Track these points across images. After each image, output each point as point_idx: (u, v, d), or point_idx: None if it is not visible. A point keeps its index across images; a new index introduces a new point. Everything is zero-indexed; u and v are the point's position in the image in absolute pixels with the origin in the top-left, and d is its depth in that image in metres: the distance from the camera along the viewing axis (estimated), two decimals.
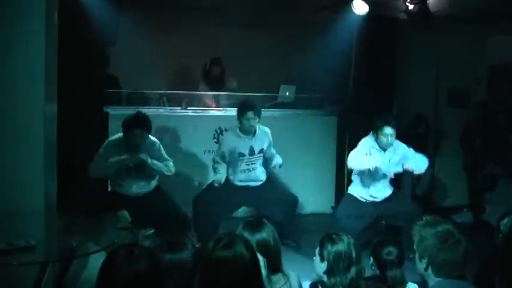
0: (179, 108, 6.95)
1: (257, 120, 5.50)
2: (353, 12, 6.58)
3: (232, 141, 5.60)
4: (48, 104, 4.04)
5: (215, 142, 6.86)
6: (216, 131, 6.85)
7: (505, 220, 3.80)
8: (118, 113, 6.44)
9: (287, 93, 7.31)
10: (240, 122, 5.52)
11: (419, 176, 7.36)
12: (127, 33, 6.84)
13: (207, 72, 7.60)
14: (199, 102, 7.29)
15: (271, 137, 5.78)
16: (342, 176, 7.04)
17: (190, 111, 6.93)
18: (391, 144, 5.37)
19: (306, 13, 7.34)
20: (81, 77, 5.76)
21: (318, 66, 7.53)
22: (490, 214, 6.77)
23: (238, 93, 6.86)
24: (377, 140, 5.36)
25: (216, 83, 7.56)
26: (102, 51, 6.39)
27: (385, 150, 5.40)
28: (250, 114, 5.43)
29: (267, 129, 5.77)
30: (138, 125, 4.97)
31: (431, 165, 7.70)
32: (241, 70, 7.67)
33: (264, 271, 2.23)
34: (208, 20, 7.63)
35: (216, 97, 7.40)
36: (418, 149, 7.48)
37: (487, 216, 6.82)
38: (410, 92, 7.66)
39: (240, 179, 5.69)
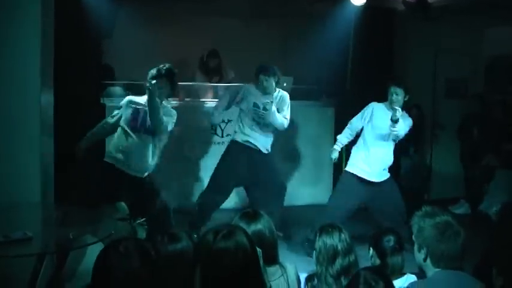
0: (176, 99, 6.91)
1: (272, 81, 5.58)
2: (351, 3, 6.56)
3: (252, 92, 5.69)
4: (44, 95, 4.04)
5: (212, 133, 6.86)
6: None
7: (494, 209, 3.81)
8: (115, 104, 6.42)
9: (285, 84, 7.26)
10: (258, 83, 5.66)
11: (416, 167, 7.43)
12: (124, 24, 6.81)
13: (204, 64, 7.57)
14: (197, 94, 7.26)
15: (288, 103, 5.76)
16: (340, 167, 7.03)
17: (187, 103, 6.90)
18: (398, 105, 5.20)
19: (304, 4, 7.31)
20: (77, 68, 5.74)
21: (315, 58, 7.52)
22: (487, 205, 6.79)
23: (235, 84, 6.82)
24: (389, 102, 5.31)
25: (213, 75, 7.54)
26: (99, 43, 6.35)
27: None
28: (261, 77, 5.57)
29: (286, 95, 5.78)
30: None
31: (428, 155, 7.74)
32: (238, 61, 7.65)
33: (260, 261, 2.21)
34: (206, 10, 7.60)
35: (213, 88, 7.37)
36: (412, 137, 7.53)
37: (484, 208, 6.84)
38: (408, 83, 7.62)
39: (245, 133, 5.68)
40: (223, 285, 1.98)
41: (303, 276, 3.07)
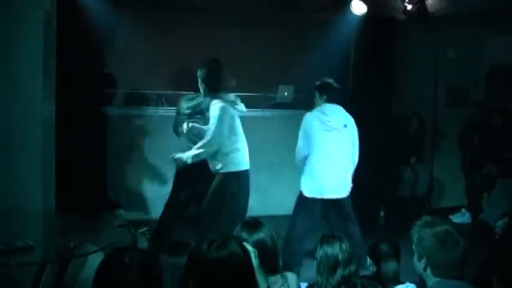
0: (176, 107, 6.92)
1: None
2: (352, 12, 6.58)
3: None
4: (46, 104, 4.04)
5: None
6: None
7: (500, 221, 3.82)
8: (116, 113, 6.45)
9: (286, 94, 7.30)
10: None
11: (417, 176, 7.42)
12: (125, 33, 6.83)
13: None
14: None
15: None
16: None
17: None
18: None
19: (305, 14, 7.34)
20: (79, 77, 5.75)
21: (316, 67, 7.53)
22: (488, 214, 6.78)
23: (236, 94, 6.84)
24: None
25: None
26: (101, 51, 6.38)
27: None
28: None
29: None
30: None
31: (430, 165, 7.73)
32: (240, 70, 7.68)
33: (255, 261, 2.22)
34: (208, 20, 7.62)
35: None
36: (413, 147, 7.52)
37: (485, 217, 6.82)
38: (408, 92, 7.67)
39: None
40: None
41: (303, 286, 3.07)
